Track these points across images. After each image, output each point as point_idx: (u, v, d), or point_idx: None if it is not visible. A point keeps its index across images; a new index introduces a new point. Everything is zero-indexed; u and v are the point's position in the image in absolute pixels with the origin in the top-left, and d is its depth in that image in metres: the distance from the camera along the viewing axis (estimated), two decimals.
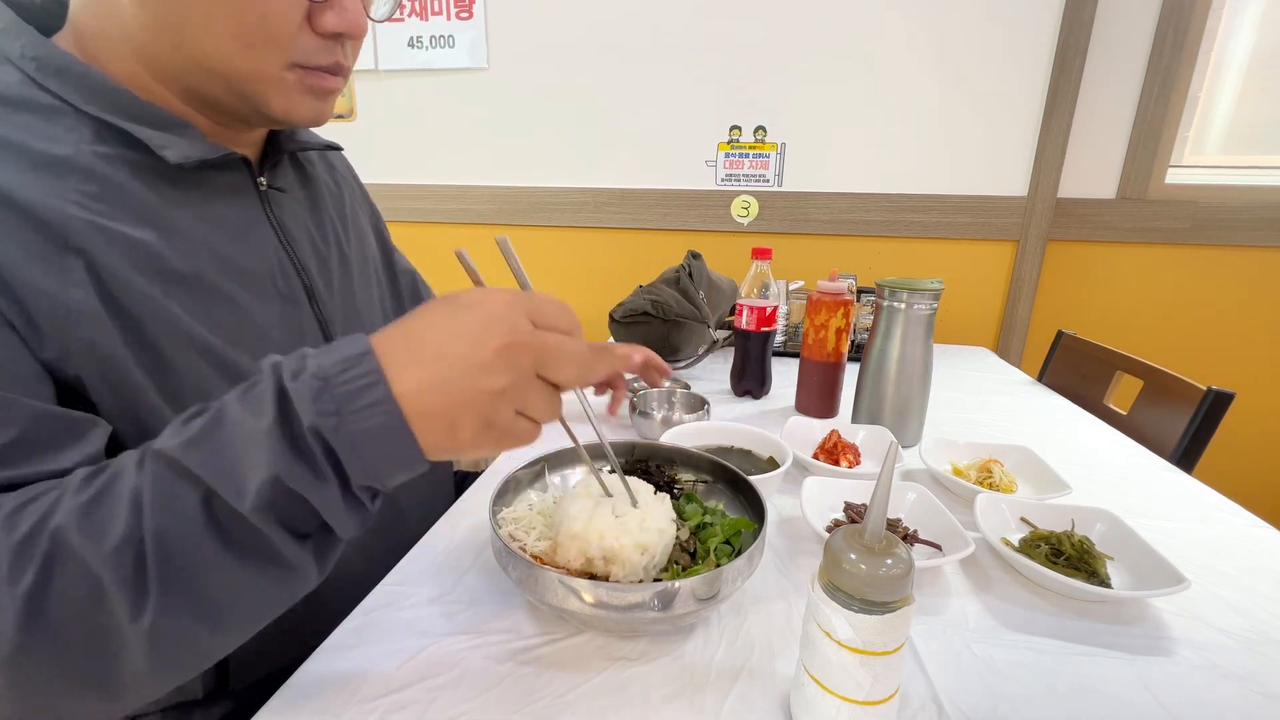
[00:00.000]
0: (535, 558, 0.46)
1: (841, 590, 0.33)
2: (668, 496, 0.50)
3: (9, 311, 0.36)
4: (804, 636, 0.36)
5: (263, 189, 0.52)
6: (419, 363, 0.32)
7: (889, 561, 0.33)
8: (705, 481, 0.58)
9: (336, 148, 0.63)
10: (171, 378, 0.42)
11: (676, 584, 0.40)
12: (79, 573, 0.30)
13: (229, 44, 0.42)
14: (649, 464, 0.60)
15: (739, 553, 0.47)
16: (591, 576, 0.44)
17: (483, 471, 0.73)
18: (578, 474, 0.59)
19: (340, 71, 0.48)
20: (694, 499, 0.55)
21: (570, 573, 0.44)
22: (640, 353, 0.51)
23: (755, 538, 0.46)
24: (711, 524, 0.51)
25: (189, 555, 0.31)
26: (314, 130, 0.58)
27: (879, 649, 0.33)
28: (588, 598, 0.41)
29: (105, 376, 0.39)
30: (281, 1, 0.42)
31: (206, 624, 0.33)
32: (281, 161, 0.56)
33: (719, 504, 0.56)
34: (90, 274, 0.38)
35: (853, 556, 0.33)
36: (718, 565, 0.45)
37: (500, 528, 0.47)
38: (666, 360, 1.14)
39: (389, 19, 0.53)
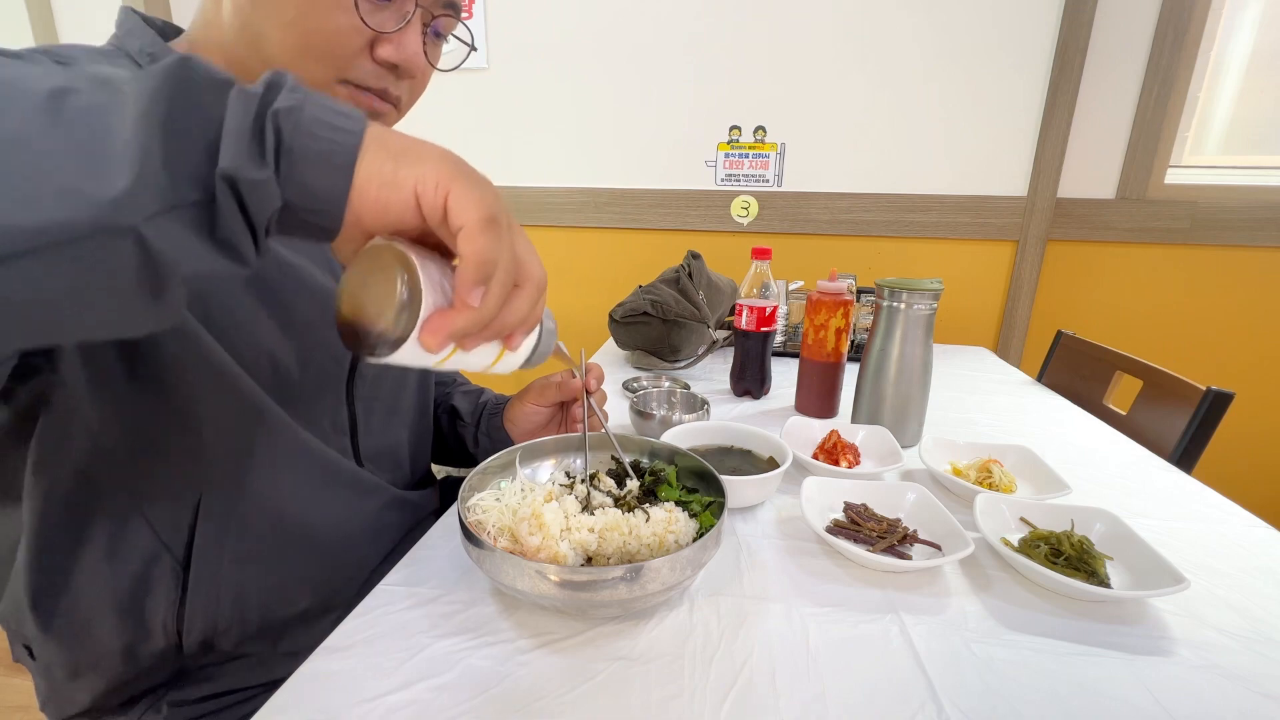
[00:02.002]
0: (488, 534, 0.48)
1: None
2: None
3: None
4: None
5: None
6: (401, 151, 0.32)
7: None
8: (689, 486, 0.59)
9: None
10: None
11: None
12: None
13: (290, 52, 0.48)
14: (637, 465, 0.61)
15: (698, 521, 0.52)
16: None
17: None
18: (547, 467, 0.61)
19: (388, 99, 0.53)
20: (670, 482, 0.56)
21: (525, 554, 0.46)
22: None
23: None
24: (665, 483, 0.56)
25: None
26: None
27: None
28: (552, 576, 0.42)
29: None
30: (345, 23, 0.47)
31: None
32: None
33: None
34: None
35: None
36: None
37: (470, 513, 0.49)
38: (666, 360, 1.15)
39: (454, 69, 0.61)
